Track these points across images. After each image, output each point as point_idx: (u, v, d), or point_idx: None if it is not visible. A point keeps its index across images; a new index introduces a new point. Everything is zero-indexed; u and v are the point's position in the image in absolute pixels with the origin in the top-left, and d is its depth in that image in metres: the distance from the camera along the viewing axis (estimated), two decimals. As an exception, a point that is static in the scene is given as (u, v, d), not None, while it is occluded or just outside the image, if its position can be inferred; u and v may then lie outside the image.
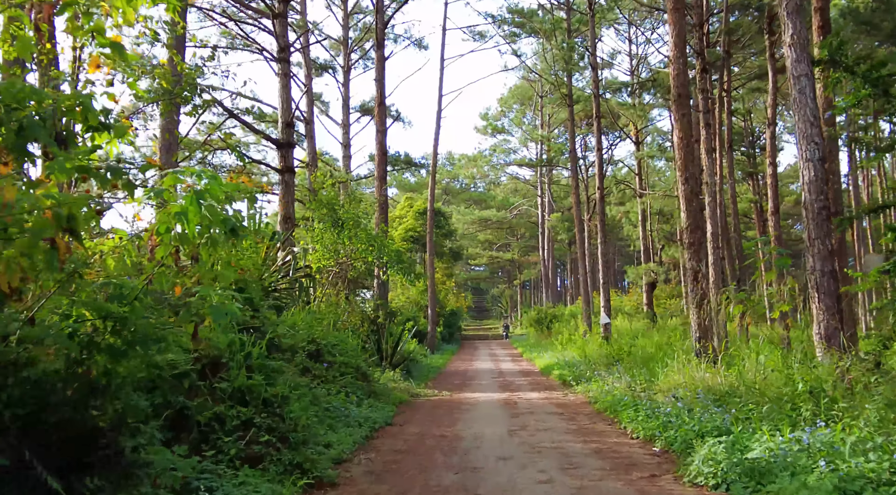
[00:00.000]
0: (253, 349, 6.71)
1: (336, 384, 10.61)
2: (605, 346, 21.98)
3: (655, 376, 13.19)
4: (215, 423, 5.94)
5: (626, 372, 14.15)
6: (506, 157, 52.15)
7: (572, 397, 13.51)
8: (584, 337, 26.87)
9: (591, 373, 16.06)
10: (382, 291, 24.60)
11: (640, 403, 10.12)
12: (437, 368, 22.82)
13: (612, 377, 14.00)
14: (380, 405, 11.28)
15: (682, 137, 14.27)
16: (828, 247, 8.45)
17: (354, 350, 12.05)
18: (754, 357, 10.56)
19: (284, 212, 21.03)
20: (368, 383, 12.07)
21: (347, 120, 32.11)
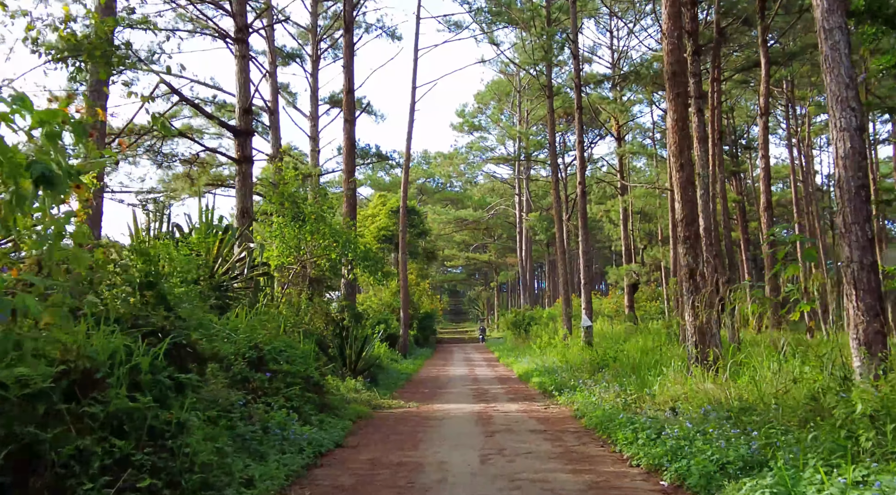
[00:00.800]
0: (142, 359, 5.09)
1: (280, 397, 9.00)
2: (587, 351, 20.53)
3: (648, 385, 11.74)
4: (76, 463, 4.32)
5: (614, 381, 12.68)
6: (483, 155, 50.67)
7: (555, 409, 11.98)
8: (564, 340, 25.42)
9: (574, 381, 14.58)
10: (350, 292, 23.00)
11: (637, 420, 8.61)
12: (408, 375, 21.24)
13: (598, 386, 12.50)
14: (333, 421, 9.69)
15: (676, 120, 12.82)
16: (867, 233, 7.01)
17: (305, 356, 10.43)
18: (768, 365, 9.12)
19: (241, 206, 19.36)
20: (322, 395, 10.46)
21: (316, 112, 30.46)
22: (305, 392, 9.76)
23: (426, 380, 19.72)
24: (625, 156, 34.15)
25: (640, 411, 10.52)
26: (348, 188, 22.97)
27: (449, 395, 15.14)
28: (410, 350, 31.39)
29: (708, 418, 7.71)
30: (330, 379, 13.07)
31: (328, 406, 10.44)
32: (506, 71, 41.92)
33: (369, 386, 15.20)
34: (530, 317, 36.35)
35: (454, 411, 11.98)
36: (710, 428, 7.02)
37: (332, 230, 17.42)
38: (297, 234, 17.41)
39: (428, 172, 60.08)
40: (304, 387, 9.78)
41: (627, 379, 12.60)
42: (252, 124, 19.36)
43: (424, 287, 41.77)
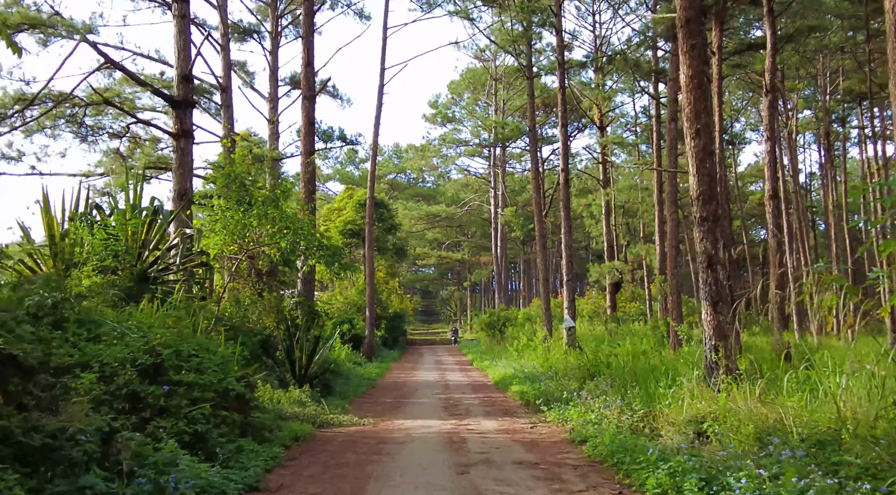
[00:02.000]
0: None
1: (179, 420, 6.62)
2: (573, 355, 18.31)
3: (657, 400, 9.50)
4: None
5: (613, 394, 10.42)
6: (456, 148, 48.36)
7: (544, 429, 9.66)
8: (544, 343, 23.21)
9: (562, 391, 12.32)
10: (308, 287, 20.56)
11: (663, 451, 6.34)
12: (371, 380, 18.86)
13: (596, 400, 10.24)
14: (254, 450, 7.30)
15: (691, 76, 10.61)
16: None
17: (225, 363, 8.03)
18: (834, 379, 6.89)
19: (179, 187, 16.85)
20: (246, 413, 8.06)
21: (275, 93, 27.95)
22: (220, 410, 7.36)
23: (390, 387, 17.36)
24: (608, 147, 32.06)
25: (654, 434, 8.28)
26: (306, 170, 20.53)
27: (415, 407, 12.79)
28: (377, 352, 29.00)
29: (772, 452, 5.46)
30: (264, 390, 10.67)
31: (253, 427, 8.03)
32: (481, 56, 39.66)
33: (320, 396, 12.83)
34: (506, 318, 34.12)
35: (419, 431, 9.62)
36: (790, 469, 4.75)
37: (283, 215, 14.99)
38: (241, 219, 14.96)
39: (399, 167, 57.63)
40: (218, 404, 7.38)
41: (630, 390, 10.35)
42: (192, 94, 16.86)
43: (394, 285, 39.36)
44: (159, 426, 6.48)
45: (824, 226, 51.85)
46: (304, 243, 15.22)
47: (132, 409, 6.62)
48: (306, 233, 15.09)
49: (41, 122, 16.95)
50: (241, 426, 7.76)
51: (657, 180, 28.05)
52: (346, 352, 22.86)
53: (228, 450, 6.90)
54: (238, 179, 15.76)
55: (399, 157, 57.92)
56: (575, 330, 21.91)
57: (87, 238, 13.11)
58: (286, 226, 15.13)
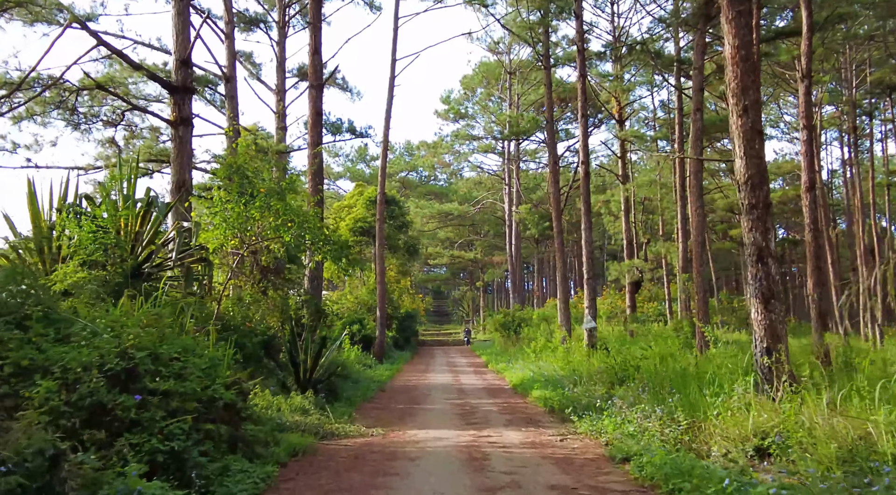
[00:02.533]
0: None
1: (153, 436, 5.60)
2: (596, 357, 17.24)
3: (700, 409, 8.43)
4: None
5: (650, 402, 9.34)
6: (469, 145, 47.25)
7: (575, 442, 8.57)
8: (562, 344, 22.13)
9: (589, 398, 11.26)
10: (315, 285, 19.54)
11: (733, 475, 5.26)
12: (380, 383, 17.83)
13: (632, 409, 9.15)
14: (245, 468, 6.28)
15: (738, 47, 9.49)
16: None
17: (212, 367, 7.01)
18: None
19: (178, 178, 15.87)
20: (236, 424, 7.04)
21: (283, 85, 26.98)
22: (204, 423, 6.34)
23: (401, 391, 16.32)
24: (627, 141, 30.90)
25: (705, 451, 7.20)
26: (313, 162, 19.51)
27: (427, 415, 11.74)
28: (388, 353, 27.98)
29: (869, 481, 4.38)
30: (262, 397, 9.65)
31: (244, 441, 7.00)
32: (495, 49, 38.58)
33: (325, 402, 11.81)
34: (521, 318, 33.01)
35: (433, 444, 8.56)
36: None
37: (287, 207, 13.97)
38: (242, 212, 13.97)
39: (411, 164, 56.58)
40: (202, 416, 6.36)
41: (669, 397, 9.27)
42: (191, 80, 15.87)
43: (405, 284, 38.32)
44: (131, 443, 5.48)
45: (845, 225, 50.53)
46: (310, 237, 14.19)
47: (96, 423, 5.61)
48: (312, 226, 14.07)
49: (31, 108, 15.99)
50: (229, 440, 6.73)
51: (679, 174, 26.88)
52: (355, 353, 21.85)
53: (212, 471, 5.88)
54: (240, 170, 14.80)
55: (410, 155, 56.89)
56: (596, 330, 20.81)
57: (73, 230, 12.14)
58: (290, 219, 14.13)
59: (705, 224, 22.56)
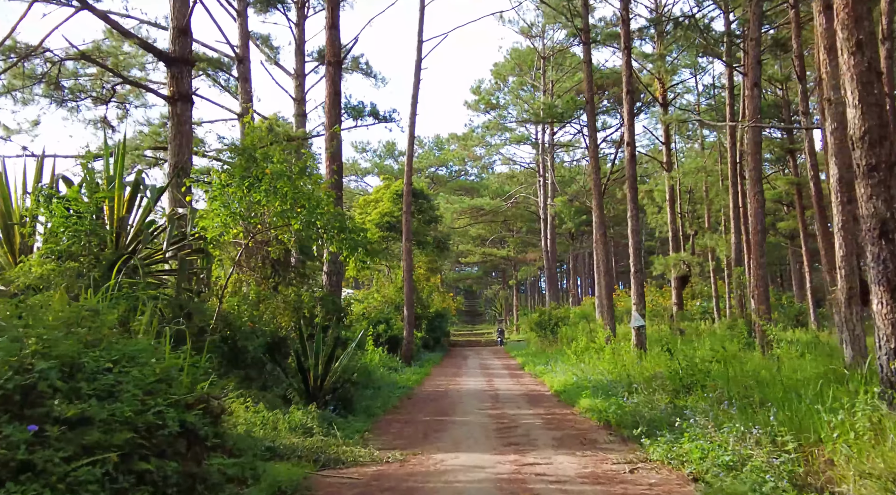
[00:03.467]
0: None
1: (53, 484, 3.79)
2: (648, 359, 15.25)
3: (809, 430, 6.45)
4: None
5: (742, 418, 7.34)
6: (501, 136, 45.23)
7: (651, 474, 6.59)
8: (607, 344, 20.11)
9: (652, 410, 9.28)
10: (334, 282, 17.72)
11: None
12: (406, 389, 16.01)
13: (719, 429, 7.14)
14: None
15: (848, -32, 7.45)
16: None
17: (165, 380, 5.18)
18: None
19: (175, 160, 14.15)
20: (198, 458, 5.20)
21: (302, 69, 25.27)
22: (141, 460, 4.51)
23: (428, 399, 14.43)
24: (671, 126, 28.68)
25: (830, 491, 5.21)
26: (330, 145, 17.71)
27: (458, 430, 9.83)
28: (416, 355, 26.15)
29: None
30: (256, 412, 7.83)
31: (205, 481, 5.15)
32: (528, 32, 36.53)
33: (337, 415, 9.99)
34: (558, 317, 30.95)
35: (464, 475, 6.65)
36: None
37: (296, 190, 12.17)
38: (245, 195, 12.21)
39: (440, 159, 54.65)
40: (140, 449, 4.53)
41: (765, 412, 7.27)
42: (190, 50, 14.15)
43: (435, 282, 36.42)
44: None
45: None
46: (321, 224, 12.36)
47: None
48: (324, 212, 12.24)
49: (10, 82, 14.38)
50: (181, 483, 4.89)
51: (731, 158, 24.67)
52: (379, 355, 20.05)
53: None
54: (246, 151, 13.05)
55: (440, 149, 54.97)
56: (645, 329, 18.76)
57: (46, 216, 10.46)
58: (300, 205, 12.34)
59: (765, 210, 20.36)
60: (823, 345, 17.31)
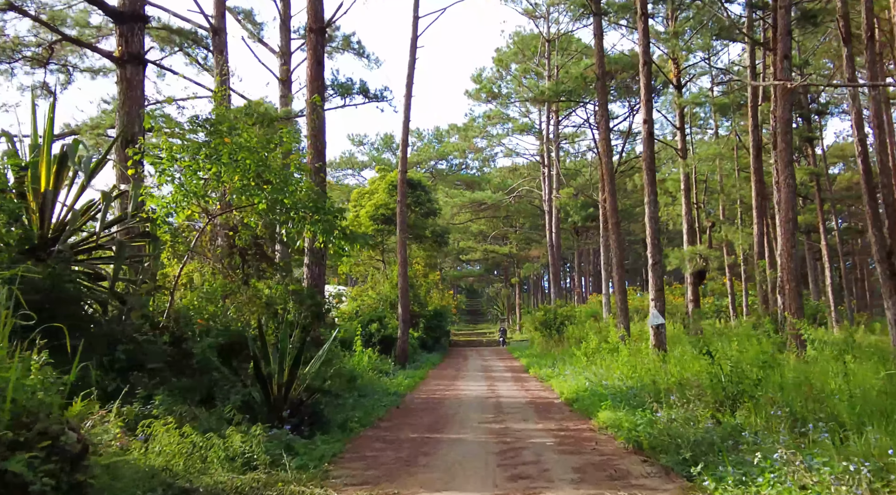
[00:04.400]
0: None
1: None
2: (673, 362, 13.30)
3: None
4: None
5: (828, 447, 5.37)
6: (503, 126, 43.24)
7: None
8: (621, 343, 18.16)
9: (696, 429, 7.32)
10: (315, 275, 15.73)
11: None
12: (396, 396, 14.07)
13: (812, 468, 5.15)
14: None
15: None
16: None
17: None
18: None
19: (123, 129, 12.21)
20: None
21: (287, 46, 23.29)
22: None
23: (420, 409, 12.46)
24: (687, 110, 26.68)
25: None
26: (312, 119, 15.75)
27: (450, 453, 7.86)
28: (412, 356, 24.21)
29: None
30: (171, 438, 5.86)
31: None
32: (532, 13, 34.53)
33: (297, 435, 8.04)
34: (564, 316, 28.94)
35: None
36: None
37: (261, 163, 10.22)
38: (200, 168, 10.29)
39: (440, 152, 52.56)
40: None
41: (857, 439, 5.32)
42: (143, 5, 12.20)
43: (434, 279, 34.42)
44: None
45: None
46: (290, 202, 10.40)
47: None
48: (294, 189, 10.28)
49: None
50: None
51: (753, 141, 22.67)
52: (368, 357, 18.08)
53: None
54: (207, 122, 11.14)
55: (440, 141, 52.95)
56: (665, 327, 16.80)
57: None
58: (266, 180, 10.40)
59: (796, 196, 18.45)
60: (863, 347, 15.40)
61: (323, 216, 10.67)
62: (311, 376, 9.26)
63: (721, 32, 27.83)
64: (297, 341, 9.39)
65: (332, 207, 10.91)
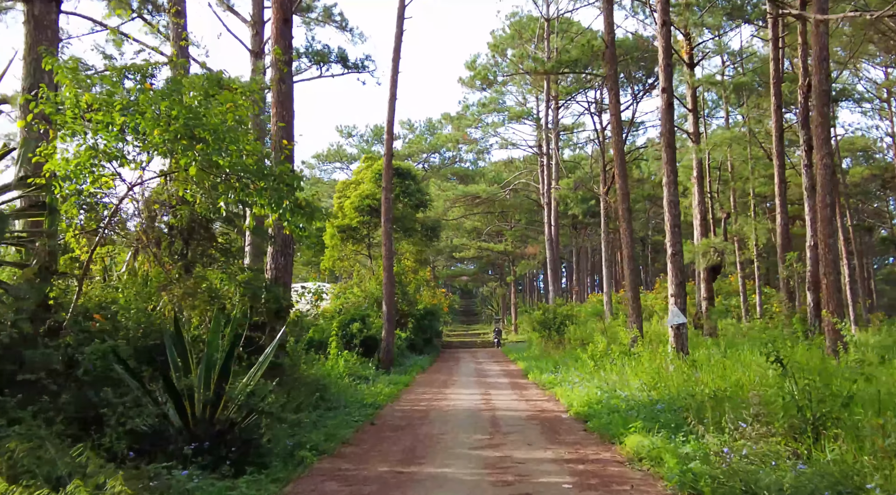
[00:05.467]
0: None
1: None
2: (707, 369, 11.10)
3: None
4: None
5: None
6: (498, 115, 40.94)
7: None
8: (632, 346, 15.94)
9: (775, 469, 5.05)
10: (280, 264, 13.35)
11: None
12: (372, 409, 11.81)
13: None
14: None
15: None
16: None
17: None
18: None
19: (31, 80, 9.90)
20: None
21: (260, 14, 20.93)
22: None
23: (398, 427, 10.16)
24: (700, 91, 24.44)
25: None
26: (278, 88, 13.42)
27: None
28: (398, 359, 21.93)
29: None
30: None
31: None
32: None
33: (221, 475, 5.76)
34: (564, 315, 26.62)
35: None
36: None
37: (192, 115, 7.90)
38: (111, 122, 7.96)
39: (433, 145, 50.20)
40: None
41: None
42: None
43: (425, 275, 32.03)
44: None
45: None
46: (226, 162, 8.08)
47: None
48: (236, 149, 7.96)
49: None
50: None
51: (776, 121, 20.41)
52: (345, 361, 15.81)
53: None
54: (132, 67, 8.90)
55: (432, 133, 50.56)
56: (686, 327, 14.56)
57: None
58: (199, 138, 8.09)
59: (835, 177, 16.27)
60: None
61: (271, 184, 8.37)
62: (244, 392, 6.95)
63: (733, 12, 25.69)
64: (227, 346, 7.06)
65: (288, 173, 8.60)
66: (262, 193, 8.24)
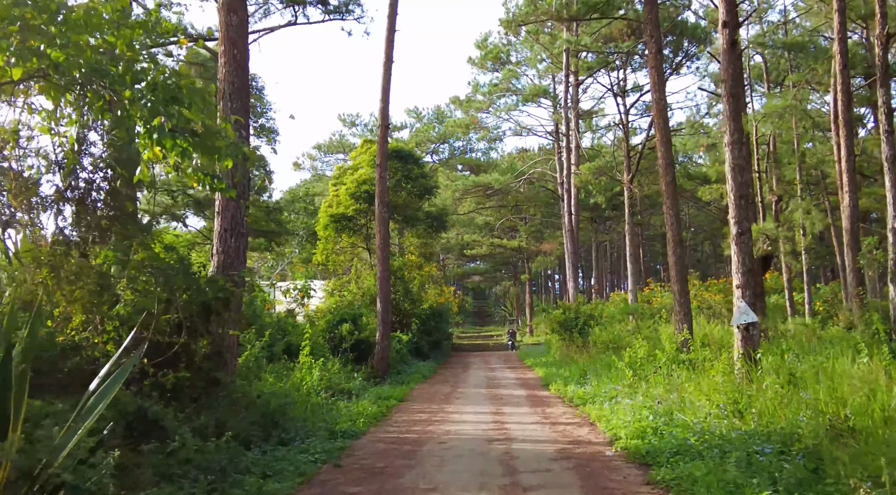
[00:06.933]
0: None
1: None
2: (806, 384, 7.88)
3: None
4: None
5: None
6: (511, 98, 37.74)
7: None
8: (683, 351, 12.68)
9: None
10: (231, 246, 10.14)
11: None
12: (344, 441, 8.70)
13: None
14: None
15: None
16: None
17: None
18: None
19: None
20: None
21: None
22: None
23: (371, 473, 6.96)
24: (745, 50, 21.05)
25: None
26: (228, 16, 10.29)
27: None
28: (397, 365, 18.77)
29: None
30: None
31: None
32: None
33: None
34: (587, 315, 23.35)
35: None
36: None
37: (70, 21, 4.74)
38: None
39: (441, 135, 46.95)
40: None
41: None
42: None
43: (430, 271, 28.72)
44: None
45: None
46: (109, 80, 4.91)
47: None
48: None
49: None
50: None
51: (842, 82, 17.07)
52: (321, 370, 12.57)
53: None
54: None
55: (440, 122, 47.28)
56: (758, 328, 11.27)
57: None
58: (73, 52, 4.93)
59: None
60: None
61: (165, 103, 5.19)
62: (48, 447, 3.77)
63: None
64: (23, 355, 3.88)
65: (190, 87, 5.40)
66: (141, 107, 5.08)
